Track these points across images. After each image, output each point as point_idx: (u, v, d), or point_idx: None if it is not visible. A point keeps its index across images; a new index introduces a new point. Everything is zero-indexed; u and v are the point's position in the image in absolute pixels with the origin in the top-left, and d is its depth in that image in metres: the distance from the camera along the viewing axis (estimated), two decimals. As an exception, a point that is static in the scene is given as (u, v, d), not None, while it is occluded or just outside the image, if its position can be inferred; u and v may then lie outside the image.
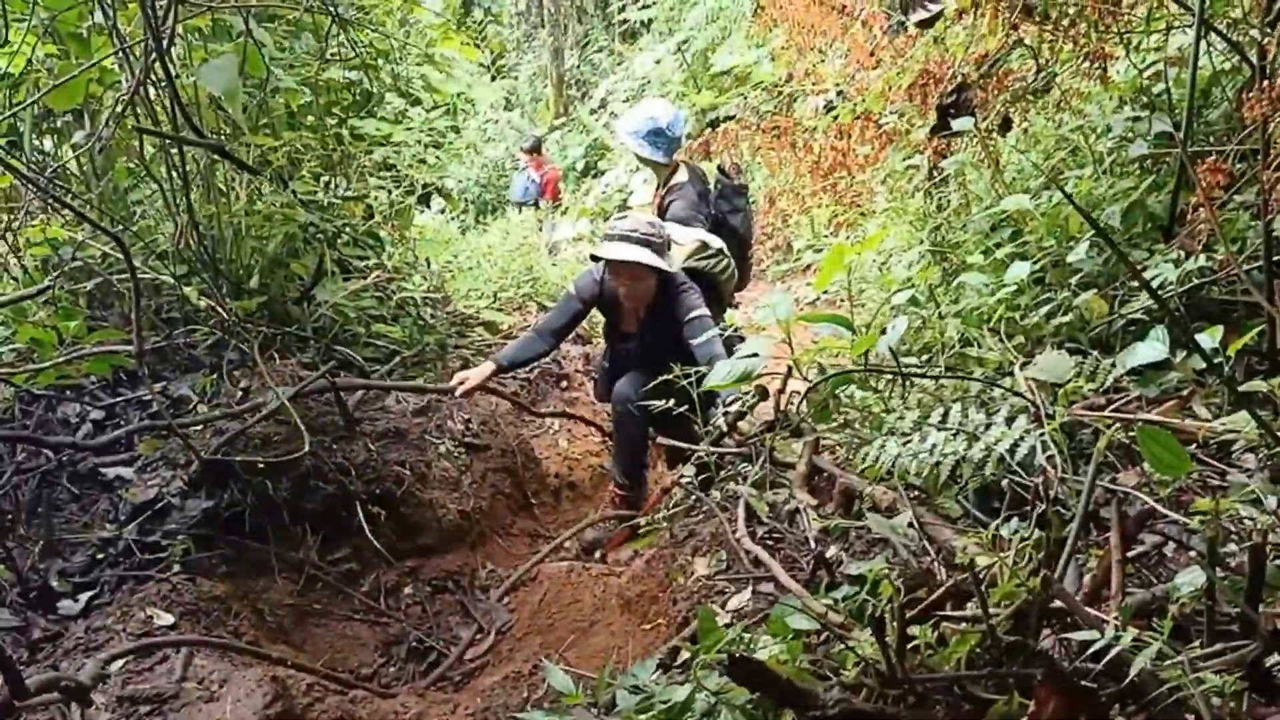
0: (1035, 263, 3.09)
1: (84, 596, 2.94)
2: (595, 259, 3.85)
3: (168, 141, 3.04)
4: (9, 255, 3.66)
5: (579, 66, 19.21)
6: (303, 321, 3.95)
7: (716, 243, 4.09)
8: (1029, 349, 2.99)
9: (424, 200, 5.53)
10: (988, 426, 2.28)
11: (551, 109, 17.61)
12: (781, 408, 3.13)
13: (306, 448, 3.25)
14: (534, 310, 6.30)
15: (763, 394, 3.19)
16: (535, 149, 12.44)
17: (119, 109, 2.87)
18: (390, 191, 4.98)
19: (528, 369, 5.30)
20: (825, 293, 5.52)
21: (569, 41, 19.09)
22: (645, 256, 3.61)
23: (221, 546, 3.24)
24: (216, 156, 3.52)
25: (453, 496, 3.89)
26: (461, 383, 3.80)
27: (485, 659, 3.34)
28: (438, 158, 5.28)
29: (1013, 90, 3.54)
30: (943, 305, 3.37)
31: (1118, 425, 2.13)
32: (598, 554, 4.01)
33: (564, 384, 5.59)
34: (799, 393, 3.23)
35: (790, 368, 3.08)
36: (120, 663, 2.57)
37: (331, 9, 3.04)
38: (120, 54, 2.71)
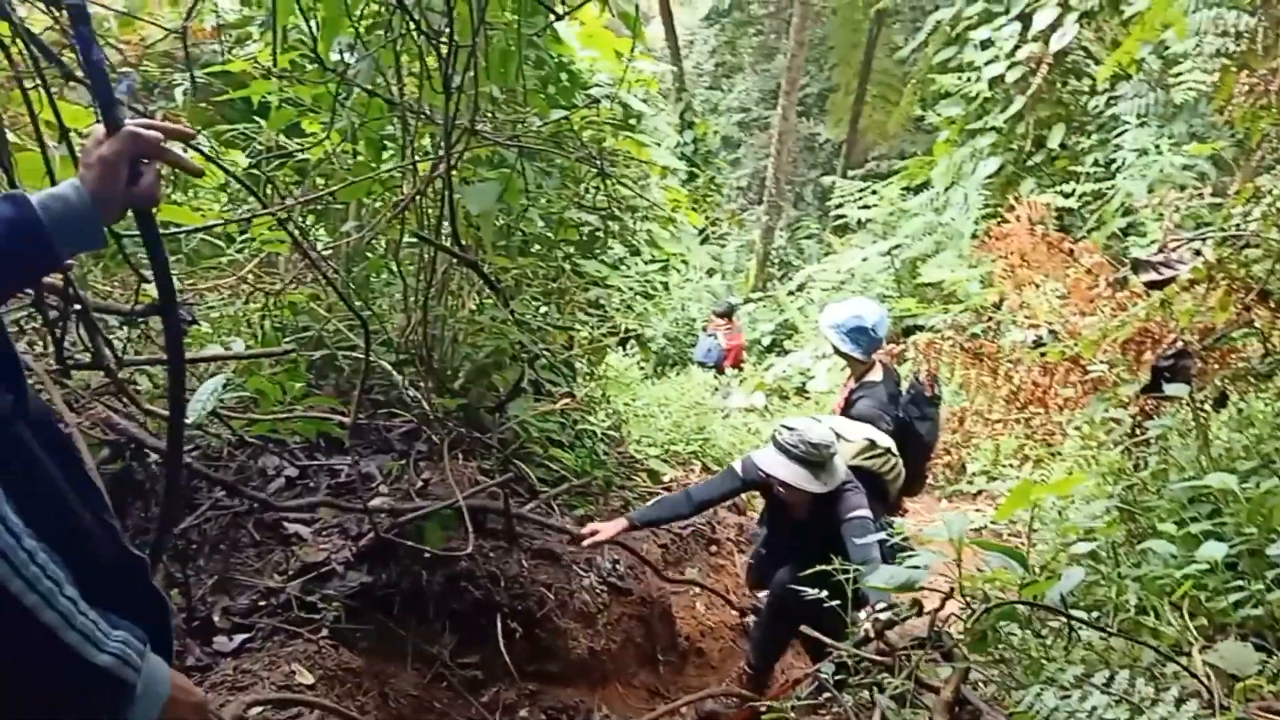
0: (1232, 546, 2.96)
1: (239, 638, 3.11)
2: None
3: (424, 246, 3.36)
4: (258, 314, 4.06)
5: (786, 248, 19.80)
6: (491, 430, 4.17)
7: (885, 441, 4.10)
8: (1210, 632, 2.84)
9: (621, 343, 5.80)
10: (1154, 702, 2.18)
11: (750, 282, 18.10)
12: (936, 626, 3.06)
13: (469, 548, 3.39)
14: (698, 469, 6.38)
15: (918, 609, 3.13)
16: (728, 314, 12.78)
17: (396, 212, 3.21)
18: (594, 329, 5.25)
19: (681, 525, 5.35)
20: (994, 523, 5.39)
21: (781, 223, 19.76)
22: (798, 479, 3.67)
23: (368, 622, 3.38)
24: (458, 265, 3.85)
25: (587, 631, 3.93)
26: (593, 533, 3.81)
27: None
28: (645, 308, 5.56)
29: (1235, 369, 3.47)
30: (1123, 566, 3.25)
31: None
32: (711, 728, 3.94)
33: (713, 548, 5.60)
34: (957, 616, 3.15)
35: (953, 588, 3.02)
36: (259, 709, 2.70)
37: (598, 161, 3.35)
38: (411, 166, 3.06)
